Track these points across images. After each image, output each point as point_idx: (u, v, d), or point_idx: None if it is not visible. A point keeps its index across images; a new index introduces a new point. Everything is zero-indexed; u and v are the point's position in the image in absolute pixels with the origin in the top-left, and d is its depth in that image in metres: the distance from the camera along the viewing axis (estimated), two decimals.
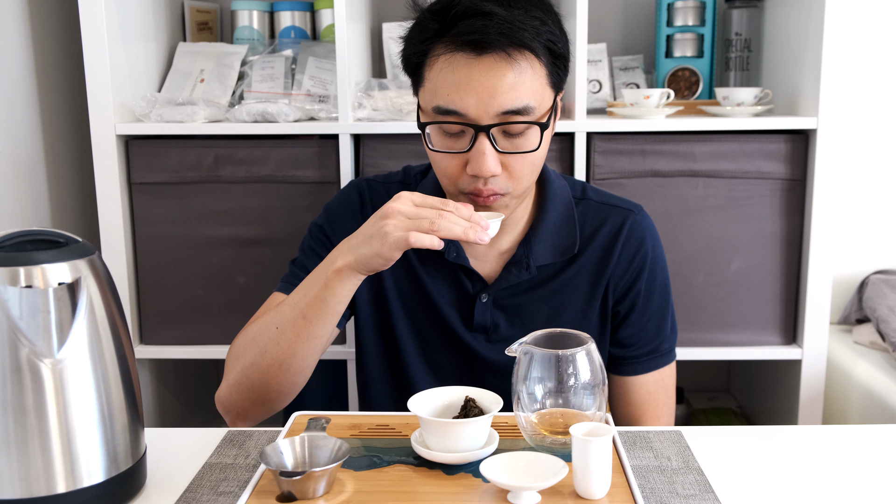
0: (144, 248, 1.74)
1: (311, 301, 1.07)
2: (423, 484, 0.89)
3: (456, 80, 1.06)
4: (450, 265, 1.22)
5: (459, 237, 0.99)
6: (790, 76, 1.76)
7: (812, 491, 0.93)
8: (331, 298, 1.06)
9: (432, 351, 1.25)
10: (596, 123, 1.67)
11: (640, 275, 1.22)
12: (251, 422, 1.18)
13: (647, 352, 1.25)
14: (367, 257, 1.02)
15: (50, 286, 0.81)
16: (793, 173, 1.67)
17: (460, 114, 1.06)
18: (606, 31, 2.02)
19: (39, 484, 0.82)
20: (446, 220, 0.99)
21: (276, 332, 1.10)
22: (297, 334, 1.09)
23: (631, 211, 1.24)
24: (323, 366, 1.30)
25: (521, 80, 1.06)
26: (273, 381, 1.12)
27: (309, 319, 1.08)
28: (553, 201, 1.22)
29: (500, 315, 1.22)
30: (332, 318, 1.09)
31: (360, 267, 1.04)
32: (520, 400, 0.94)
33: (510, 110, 1.06)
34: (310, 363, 1.13)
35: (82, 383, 0.84)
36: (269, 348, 1.11)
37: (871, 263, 1.99)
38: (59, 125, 1.83)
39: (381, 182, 1.29)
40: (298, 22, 1.92)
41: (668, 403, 1.28)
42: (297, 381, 1.14)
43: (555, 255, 1.21)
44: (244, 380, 1.13)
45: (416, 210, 1.00)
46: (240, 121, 1.69)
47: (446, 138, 1.10)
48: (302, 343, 1.09)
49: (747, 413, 2.12)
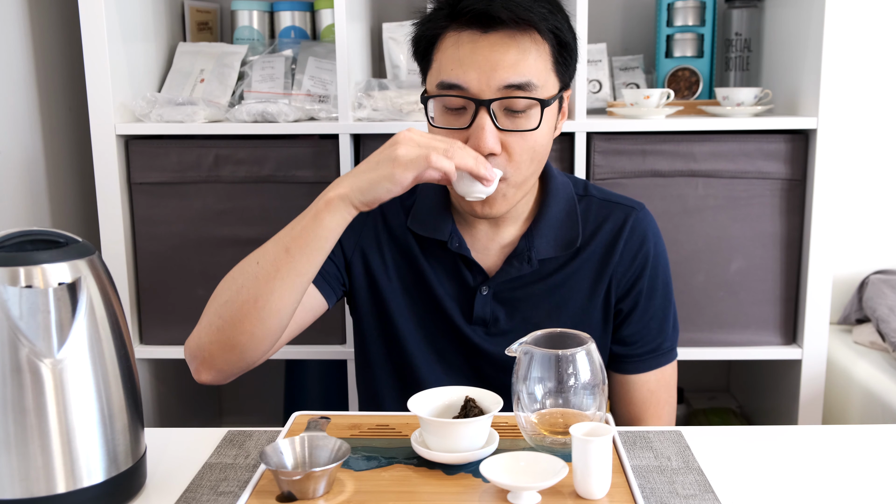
0: (144, 248, 1.74)
1: (297, 234, 1.05)
2: (423, 484, 0.89)
3: (460, 55, 1.08)
4: (451, 256, 1.22)
5: (471, 168, 1.02)
6: (790, 76, 1.76)
7: (812, 491, 0.93)
8: (318, 231, 1.04)
9: (435, 340, 1.24)
10: (596, 123, 1.67)
11: (643, 272, 1.23)
12: (217, 373, 1.10)
13: (649, 350, 1.25)
14: (372, 183, 1.02)
15: (50, 286, 0.81)
16: (793, 173, 1.67)
17: (462, 88, 1.08)
18: (606, 31, 2.02)
19: (39, 484, 0.82)
20: (460, 150, 1.02)
21: (255, 268, 1.06)
22: (278, 269, 1.04)
23: (633, 209, 1.24)
24: (323, 366, 1.30)
25: (525, 58, 1.07)
26: (246, 321, 1.05)
27: (292, 254, 1.04)
28: (555, 196, 1.22)
29: (500, 308, 1.22)
30: (316, 255, 1.05)
31: (359, 196, 1.03)
32: (520, 400, 0.94)
33: (512, 84, 1.07)
34: (286, 305, 1.07)
35: (82, 383, 0.84)
36: (246, 283, 1.06)
37: (871, 263, 1.99)
38: (59, 125, 1.83)
39: None
40: (298, 22, 1.92)
41: (670, 402, 1.28)
42: (271, 326, 1.06)
43: (557, 249, 1.21)
44: (216, 319, 1.07)
45: (429, 139, 1.02)
46: (240, 121, 1.69)
47: (447, 115, 1.11)
48: (282, 279, 1.05)
49: (747, 413, 2.12)
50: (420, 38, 1.14)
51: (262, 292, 1.05)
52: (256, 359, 1.09)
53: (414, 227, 1.23)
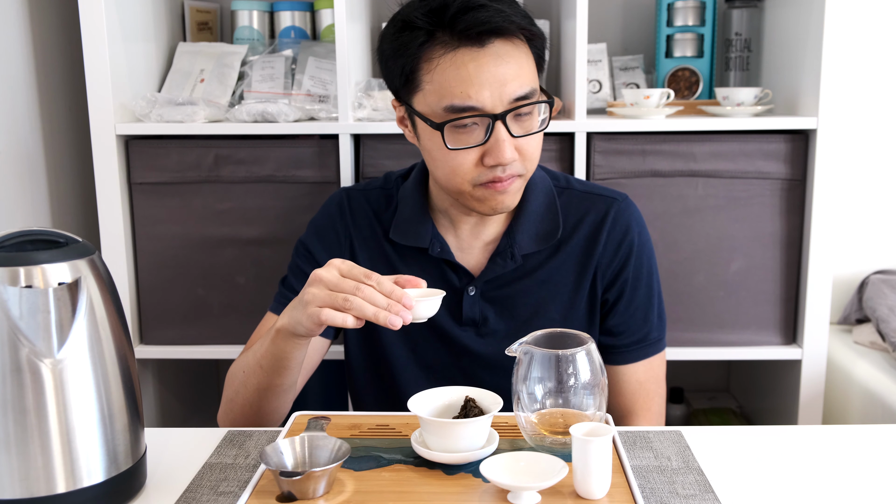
0: (144, 248, 1.74)
1: (264, 354, 1.09)
2: (423, 484, 0.89)
3: (465, 75, 1.07)
4: (434, 260, 1.22)
5: (370, 318, 0.93)
6: (790, 76, 1.76)
7: (812, 491, 0.93)
8: (279, 354, 1.07)
9: (421, 350, 1.25)
10: (596, 123, 1.67)
11: (627, 262, 1.23)
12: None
13: (636, 340, 1.25)
14: (295, 323, 1.01)
15: (50, 286, 0.81)
16: (793, 173, 1.67)
17: (476, 108, 1.08)
18: (606, 31, 2.02)
19: (39, 484, 0.82)
20: (360, 298, 0.94)
21: (243, 377, 1.14)
22: (258, 383, 1.12)
23: (615, 199, 1.25)
24: (323, 366, 1.30)
25: (522, 65, 1.09)
26: (251, 416, 1.16)
27: (265, 371, 1.10)
28: (534, 190, 1.23)
29: (488, 307, 1.22)
30: (285, 371, 1.09)
31: (293, 330, 1.02)
32: (520, 400, 0.94)
33: (520, 96, 1.09)
34: (281, 404, 1.15)
35: (82, 383, 0.84)
36: (240, 391, 1.15)
37: (871, 263, 1.99)
38: (59, 125, 1.83)
39: (360, 190, 1.31)
40: (298, 22, 1.92)
41: (659, 393, 1.28)
42: (275, 418, 1.16)
43: (538, 243, 1.21)
44: (229, 412, 1.19)
45: (338, 281, 0.96)
46: (240, 121, 1.69)
47: (460, 134, 1.10)
48: (264, 391, 1.12)
49: (747, 413, 2.12)
50: (403, 65, 1.10)
51: (253, 400, 1.14)
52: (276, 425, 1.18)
53: (395, 238, 1.24)
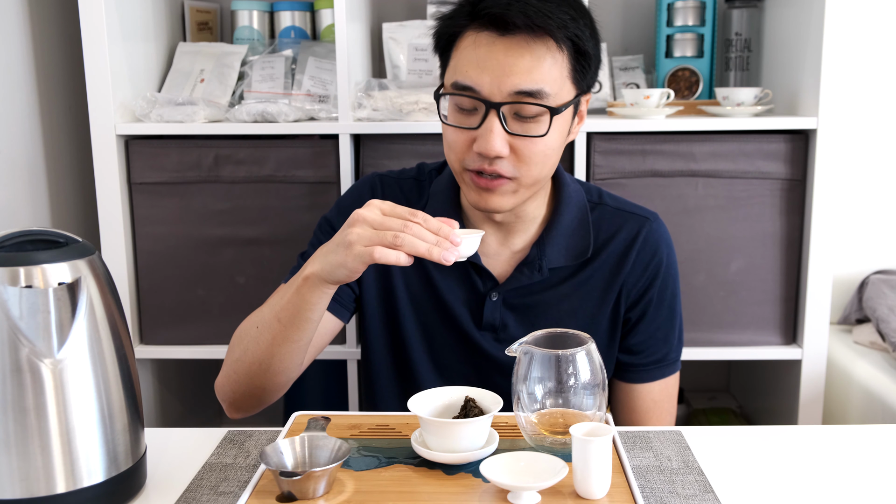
0: (144, 248, 1.74)
1: (285, 306, 1.06)
2: (423, 484, 0.89)
3: (476, 56, 1.07)
4: (462, 262, 1.22)
5: (423, 254, 0.94)
6: (790, 76, 1.76)
7: (812, 491, 0.93)
8: (302, 305, 1.04)
9: (438, 349, 1.25)
10: (596, 123, 1.67)
11: (653, 282, 1.22)
12: (244, 412, 1.18)
13: (655, 360, 1.25)
14: (332, 267, 0.99)
15: (50, 286, 0.81)
16: (793, 173, 1.67)
17: (474, 89, 1.07)
18: (606, 31, 2.02)
19: (39, 484, 0.82)
20: (410, 235, 0.94)
21: (256, 332, 1.10)
22: (273, 337, 1.08)
23: (647, 219, 1.24)
24: (323, 366, 1.30)
25: (539, 65, 1.07)
26: (256, 379, 1.12)
27: (283, 324, 1.07)
28: (568, 204, 1.21)
29: (509, 314, 1.22)
30: (305, 325, 1.06)
31: (327, 277, 1.00)
32: (520, 400, 0.94)
33: (523, 91, 1.06)
34: (290, 365, 1.11)
35: (82, 383, 0.84)
36: (250, 347, 1.11)
37: (871, 263, 1.99)
38: (59, 125, 1.83)
39: (394, 177, 1.29)
40: (298, 22, 1.92)
41: (671, 412, 1.29)
42: (280, 382, 1.13)
43: (568, 258, 1.20)
44: (232, 373, 1.14)
45: (383, 219, 0.96)
46: (240, 121, 1.69)
47: (459, 114, 1.11)
48: (278, 346, 1.08)
49: (747, 413, 2.12)
50: (441, 35, 1.14)
51: (263, 357, 1.10)
52: (276, 398, 1.16)
53: None
